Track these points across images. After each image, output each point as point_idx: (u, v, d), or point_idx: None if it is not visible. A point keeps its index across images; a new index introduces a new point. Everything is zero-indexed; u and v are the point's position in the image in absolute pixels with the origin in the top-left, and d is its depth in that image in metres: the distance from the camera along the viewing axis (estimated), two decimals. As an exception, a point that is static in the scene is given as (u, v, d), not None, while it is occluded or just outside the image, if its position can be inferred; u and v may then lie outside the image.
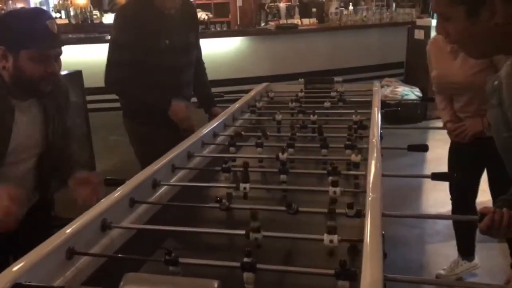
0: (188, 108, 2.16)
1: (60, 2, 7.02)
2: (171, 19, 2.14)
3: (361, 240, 1.02)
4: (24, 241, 1.15)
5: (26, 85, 1.50)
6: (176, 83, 2.20)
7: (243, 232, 1.12)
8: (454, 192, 2.39)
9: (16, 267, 0.93)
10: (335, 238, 1.06)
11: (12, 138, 1.51)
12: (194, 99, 2.45)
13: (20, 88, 1.50)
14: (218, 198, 1.29)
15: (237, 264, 0.95)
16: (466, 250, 2.50)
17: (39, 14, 1.52)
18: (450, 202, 2.41)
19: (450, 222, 2.68)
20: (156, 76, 2.13)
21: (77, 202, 1.54)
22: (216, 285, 0.76)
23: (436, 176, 1.46)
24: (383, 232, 1.09)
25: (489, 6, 0.92)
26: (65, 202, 1.91)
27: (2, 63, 1.46)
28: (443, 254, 2.69)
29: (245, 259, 0.94)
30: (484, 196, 2.28)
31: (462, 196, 2.34)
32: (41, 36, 1.46)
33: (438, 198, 3.24)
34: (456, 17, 0.97)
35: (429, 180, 1.50)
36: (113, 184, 1.40)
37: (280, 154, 1.64)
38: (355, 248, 1.10)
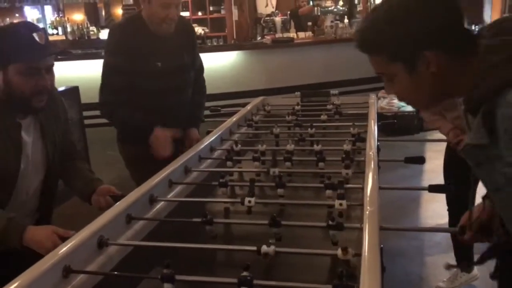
0: (169, 137, 2.06)
1: (57, 18, 7.07)
2: (164, 41, 2.09)
3: (359, 254, 1.01)
4: (22, 259, 1.13)
5: (18, 101, 1.46)
6: (169, 105, 2.13)
7: (241, 248, 1.11)
8: (450, 204, 2.38)
9: (12, 286, 0.92)
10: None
11: (22, 157, 1.48)
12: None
13: (14, 104, 1.46)
14: (203, 219, 1.27)
15: (234, 280, 0.94)
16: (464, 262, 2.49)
17: (24, 26, 1.48)
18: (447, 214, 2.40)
19: (449, 233, 2.67)
20: (148, 99, 2.09)
21: (75, 218, 1.53)
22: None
23: (433, 188, 1.46)
24: (382, 245, 1.09)
25: (422, 58, 0.97)
26: (63, 218, 1.91)
27: None
28: (442, 266, 2.67)
29: (243, 273, 0.93)
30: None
31: (459, 207, 2.33)
32: (27, 48, 1.41)
33: (436, 209, 3.24)
34: (397, 75, 1.02)
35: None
36: (117, 200, 1.40)
37: (271, 169, 1.65)
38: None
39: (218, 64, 5.65)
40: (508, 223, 1.04)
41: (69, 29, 6.94)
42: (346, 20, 6.34)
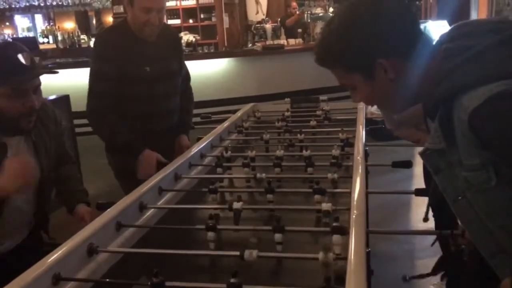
0: (155, 159, 2.01)
1: (48, 27, 7.07)
2: (152, 47, 2.09)
3: (345, 258, 1.03)
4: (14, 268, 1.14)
5: (6, 123, 1.43)
6: (156, 111, 2.13)
7: (231, 253, 1.12)
8: (433, 209, 2.40)
9: (1, 295, 0.92)
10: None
11: None
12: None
13: (1, 126, 1.44)
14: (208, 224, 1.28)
15: (223, 286, 0.95)
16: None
17: (8, 48, 1.44)
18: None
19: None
20: (138, 105, 2.08)
21: (68, 225, 1.53)
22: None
23: (419, 192, 1.48)
24: (369, 249, 1.10)
25: (379, 67, 1.00)
26: (60, 223, 1.90)
27: None
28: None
29: (231, 280, 0.94)
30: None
31: (442, 211, 2.36)
32: (13, 70, 1.39)
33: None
34: (358, 85, 1.05)
35: (417, 194, 1.53)
36: (104, 208, 1.41)
37: (258, 174, 1.66)
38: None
39: (209, 71, 5.67)
40: (469, 229, 1.05)
41: (59, 38, 6.94)
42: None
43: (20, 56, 1.40)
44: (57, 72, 1.62)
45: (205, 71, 5.58)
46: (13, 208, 1.51)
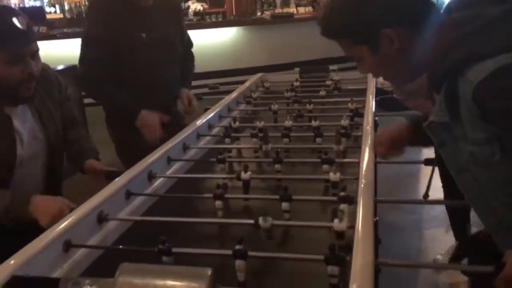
0: (157, 119, 1.97)
1: (54, -4, 6.98)
2: (149, 12, 2.00)
3: (352, 226, 1.03)
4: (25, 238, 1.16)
5: (5, 92, 1.40)
6: (155, 81, 2.03)
7: (238, 221, 1.13)
8: (442, 176, 2.40)
9: (14, 260, 0.94)
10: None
11: (18, 147, 1.46)
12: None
13: (2, 95, 1.41)
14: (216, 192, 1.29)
15: (229, 252, 0.96)
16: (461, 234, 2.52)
17: (2, 12, 1.38)
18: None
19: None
20: (135, 73, 1.99)
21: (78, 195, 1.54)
22: (209, 272, 0.77)
23: (429, 162, 1.47)
24: (377, 218, 1.10)
25: (384, 37, 0.98)
26: (72, 192, 1.92)
27: None
28: (440, 239, 2.71)
29: (237, 247, 0.95)
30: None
31: (452, 180, 2.35)
32: (8, 35, 1.34)
33: (435, 183, 3.25)
34: (364, 56, 1.04)
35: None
36: (114, 177, 1.41)
37: (263, 145, 1.67)
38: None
39: (217, 40, 5.60)
40: (473, 204, 1.04)
41: (66, 7, 6.86)
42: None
43: (15, 20, 1.35)
44: (54, 36, 1.58)
45: (213, 41, 5.50)
46: (24, 175, 1.52)
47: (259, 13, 6.65)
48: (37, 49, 1.44)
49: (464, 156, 0.96)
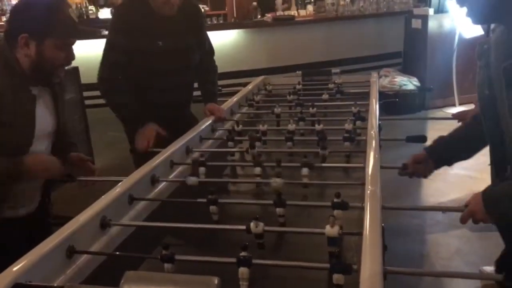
0: (154, 133, 1.98)
1: (55, -3, 6.98)
2: (168, 21, 2.07)
3: (360, 233, 1.02)
4: (26, 240, 1.14)
5: (46, 73, 1.50)
6: (168, 85, 2.11)
7: (242, 227, 1.12)
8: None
9: (17, 267, 0.93)
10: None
11: (36, 126, 1.52)
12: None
13: (39, 75, 1.50)
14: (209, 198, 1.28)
15: (233, 260, 0.95)
16: None
17: (60, 2, 1.51)
18: (449, 192, 2.40)
19: (450, 212, 2.67)
20: (146, 78, 2.09)
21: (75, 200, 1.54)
22: (216, 281, 0.76)
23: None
24: (383, 225, 1.09)
25: None
26: (65, 199, 1.91)
27: (24, 50, 1.45)
28: (443, 244, 2.70)
29: (241, 254, 0.94)
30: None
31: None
32: (65, 24, 1.47)
33: (438, 187, 3.24)
34: None
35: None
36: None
37: (249, 150, 1.68)
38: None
39: (218, 43, 5.54)
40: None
41: (67, 9, 6.87)
42: (348, -3, 6.22)
43: (71, 11, 1.50)
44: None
45: (214, 43, 5.45)
46: (35, 152, 1.53)
47: (260, 16, 6.64)
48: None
49: None
